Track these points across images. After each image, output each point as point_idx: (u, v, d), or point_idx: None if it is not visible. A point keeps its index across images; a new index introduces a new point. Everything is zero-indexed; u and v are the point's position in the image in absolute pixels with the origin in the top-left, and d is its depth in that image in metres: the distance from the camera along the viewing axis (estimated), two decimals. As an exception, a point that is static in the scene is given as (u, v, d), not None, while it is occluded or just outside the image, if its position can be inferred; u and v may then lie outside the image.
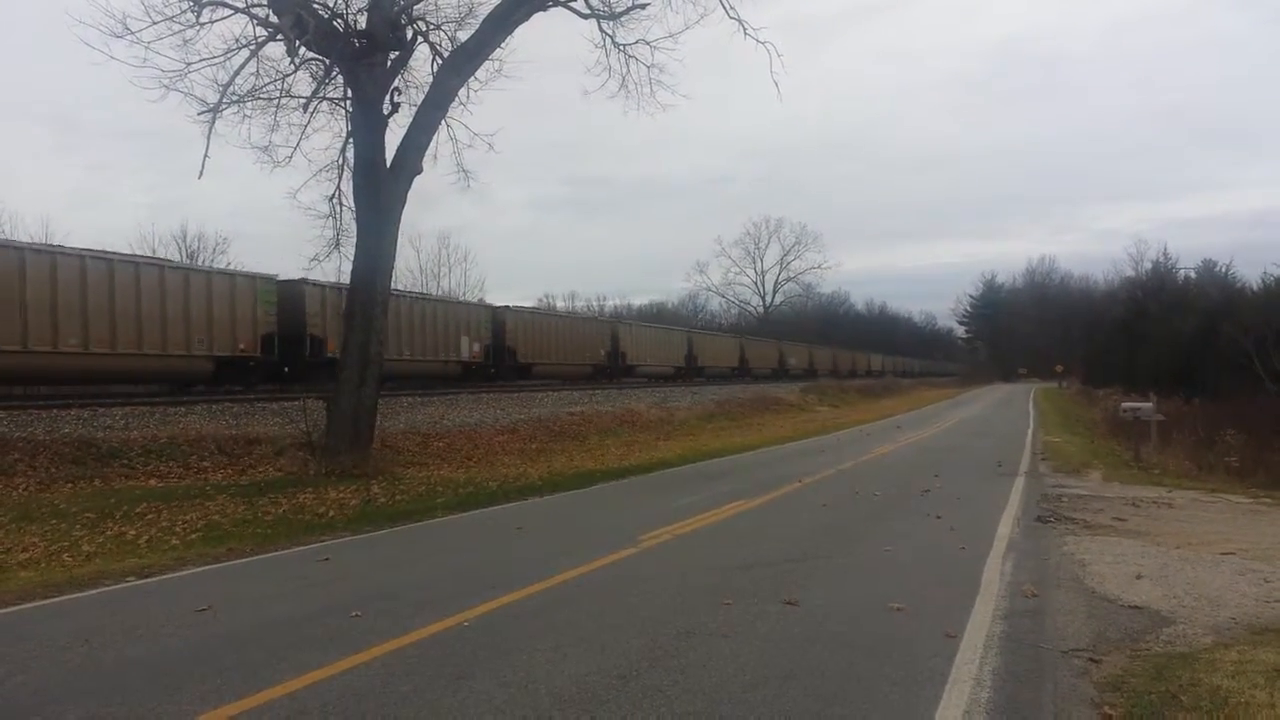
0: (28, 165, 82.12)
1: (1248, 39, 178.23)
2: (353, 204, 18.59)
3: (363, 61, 17.41)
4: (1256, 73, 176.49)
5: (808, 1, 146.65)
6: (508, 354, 34.43)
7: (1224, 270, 57.85)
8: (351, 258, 18.35)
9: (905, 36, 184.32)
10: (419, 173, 18.42)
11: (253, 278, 24.12)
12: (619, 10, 19.94)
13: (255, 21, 16.78)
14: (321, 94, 18.55)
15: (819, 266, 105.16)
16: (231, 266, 25.63)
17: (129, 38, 15.57)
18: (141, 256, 23.52)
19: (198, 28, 16.10)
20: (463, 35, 18.94)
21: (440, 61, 18.96)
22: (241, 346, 23.13)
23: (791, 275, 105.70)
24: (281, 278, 25.14)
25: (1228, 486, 17.49)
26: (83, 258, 19.92)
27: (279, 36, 16.64)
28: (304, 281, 25.69)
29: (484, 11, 18.65)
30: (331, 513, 13.09)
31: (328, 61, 17.83)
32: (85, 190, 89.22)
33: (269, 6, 16.70)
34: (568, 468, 20.19)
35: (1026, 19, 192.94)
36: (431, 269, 65.59)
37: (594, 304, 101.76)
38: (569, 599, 7.86)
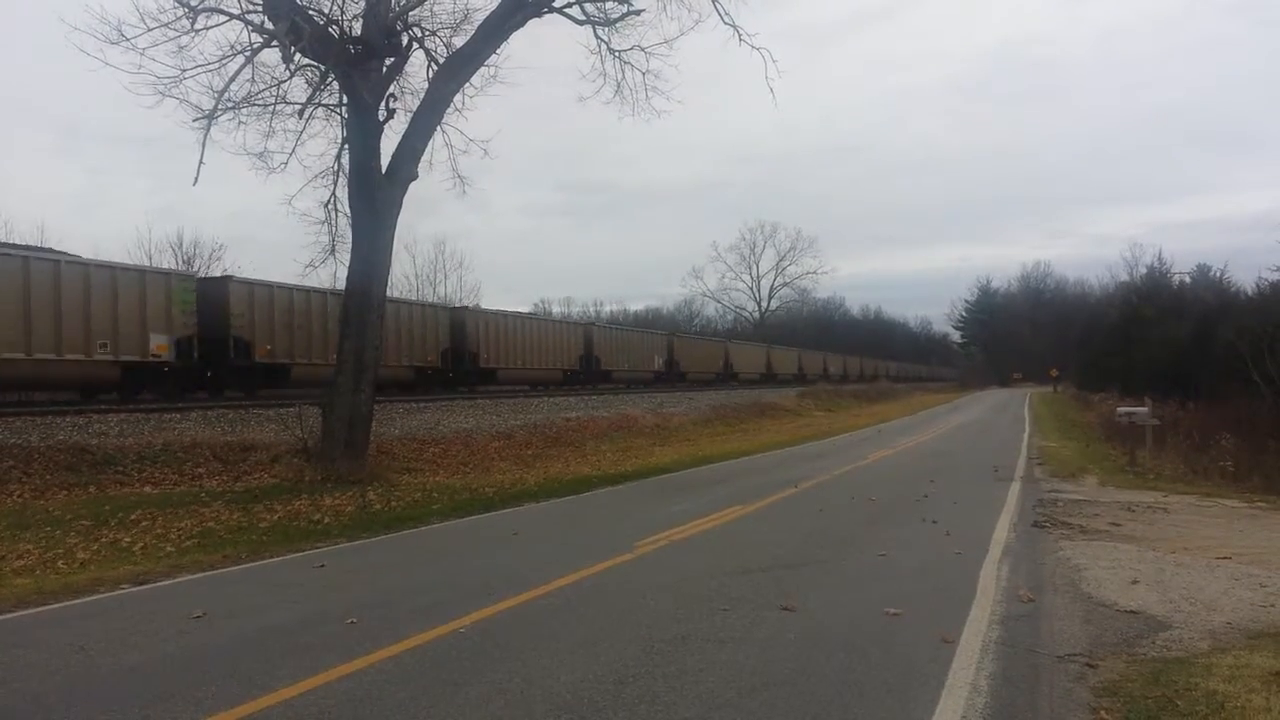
0: (28, 171, 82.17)
1: (1242, 43, 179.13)
2: (348, 210, 18.60)
3: (358, 67, 17.42)
4: (1251, 76, 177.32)
5: (805, 10, 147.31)
6: (469, 358, 32.69)
7: (1219, 274, 58.11)
8: (347, 264, 18.35)
9: (900, 43, 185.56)
10: (414, 179, 18.43)
11: (167, 274, 22.55)
12: (614, 17, 20.00)
13: (250, 28, 16.78)
14: (317, 100, 18.56)
15: (815, 272, 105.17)
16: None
17: (124, 44, 15.57)
18: (32, 248, 21.99)
19: (193, 34, 16.10)
20: (458, 41, 18.98)
21: (436, 67, 18.98)
22: (155, 351, 21.22)
23: (787, 280, 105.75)
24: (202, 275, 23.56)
25: (1223, 491, 17.50)
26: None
27: (274, 43, 16.63)
28: (229, 279, 24.34)
29: (479, 17, 18.70)
30: (327, 519, 13.06)
31: (323, 68, 17.83)
32: (85, 196, 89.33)
33: (264, 13, 16.70)
34: (564, 473, 20.18)
35: (1021, 24, 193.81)
36: (427, 275, 65.58)
37: (589, 309, 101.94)
38: (565, 605, 7.84)
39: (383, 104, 18.16)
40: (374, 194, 17.77)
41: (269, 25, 16.61)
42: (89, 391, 21.27)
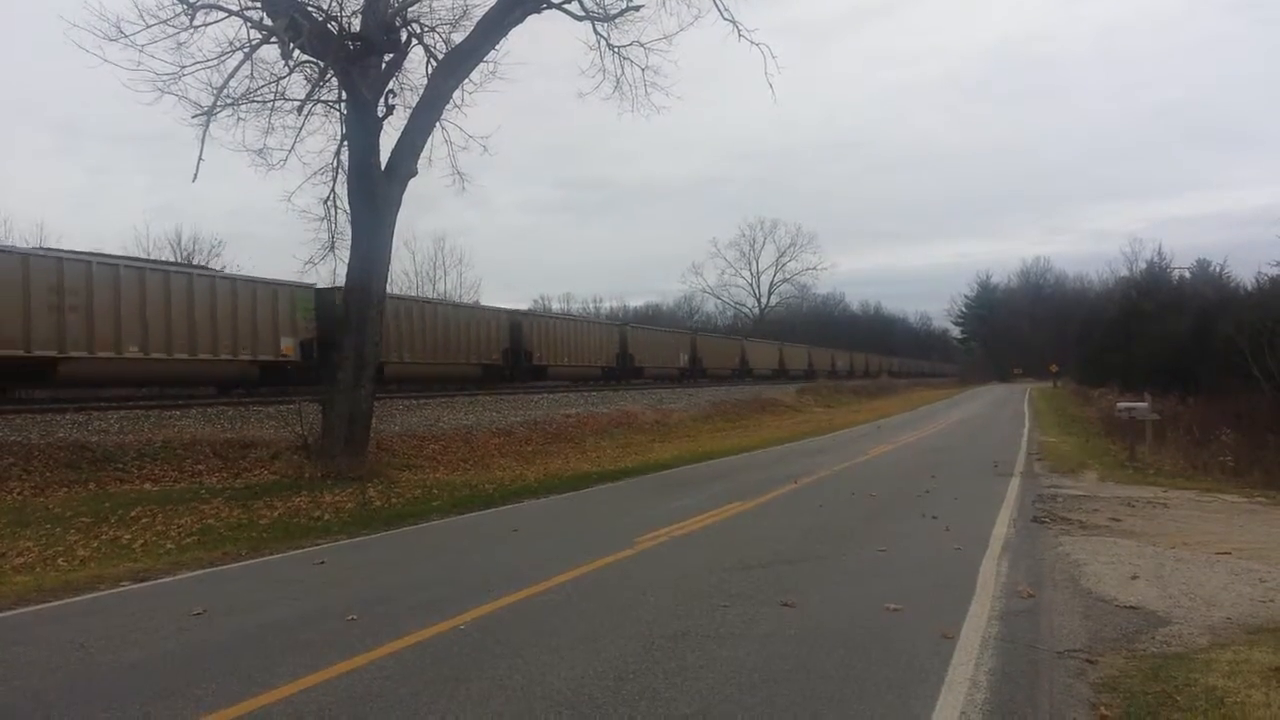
0: (28, 169, 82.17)
1: (1242, 40, 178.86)
2: (348, 206, 18.58)
3: (357, 64, 17.40)
4: (1250, 73, 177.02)
5: (805, 6, 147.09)
6: (524, 357, 35.86)
7: (1218, 269, 58.08)
8: (347, 260, 18.34)
9: (901, 40, 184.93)
10: (414, 175, 18.42)
11: (292, 287, 24.89)
12: (613, 12, 19.96)
13: (249, 24, 16.76)
14: (316, 96, 18.52)
15: (814, 268, 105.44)
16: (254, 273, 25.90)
17: (123, 41, 15.54)
18: (188, 265, 25.01)
19: (191, 31, 16.07)
20: (457, 37, 18.95)
21: (435, 63, 18.96)
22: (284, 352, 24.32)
23: (787, 276, 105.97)
24: (320, 285, 25.63)
25: (1223, 486, 17.50)
26: (141, 269, 21.35)
27: (273, 39, 16.61)
28: (336, 289, 26.12)
29: (478, 13, 18.68)
30: (327, 516, 13.07)
31: (322, 64, 17.80)
32: (86, 193, 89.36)
33: (263, 9, 16.67)
34: (564, 470, 20.19)
35: (1021, 22, 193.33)
36: (427, 271, 65.60)
37: (589, 306, 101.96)
38: (565, 601, 7.85)
39: (382, 100, 18.15)
40: (373, 190, 17.76)
41: (268, 22, 16.58)
42: (226, 386, 24.18)
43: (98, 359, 19.77)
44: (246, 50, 16.84)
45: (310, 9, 16.95)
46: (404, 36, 18.45)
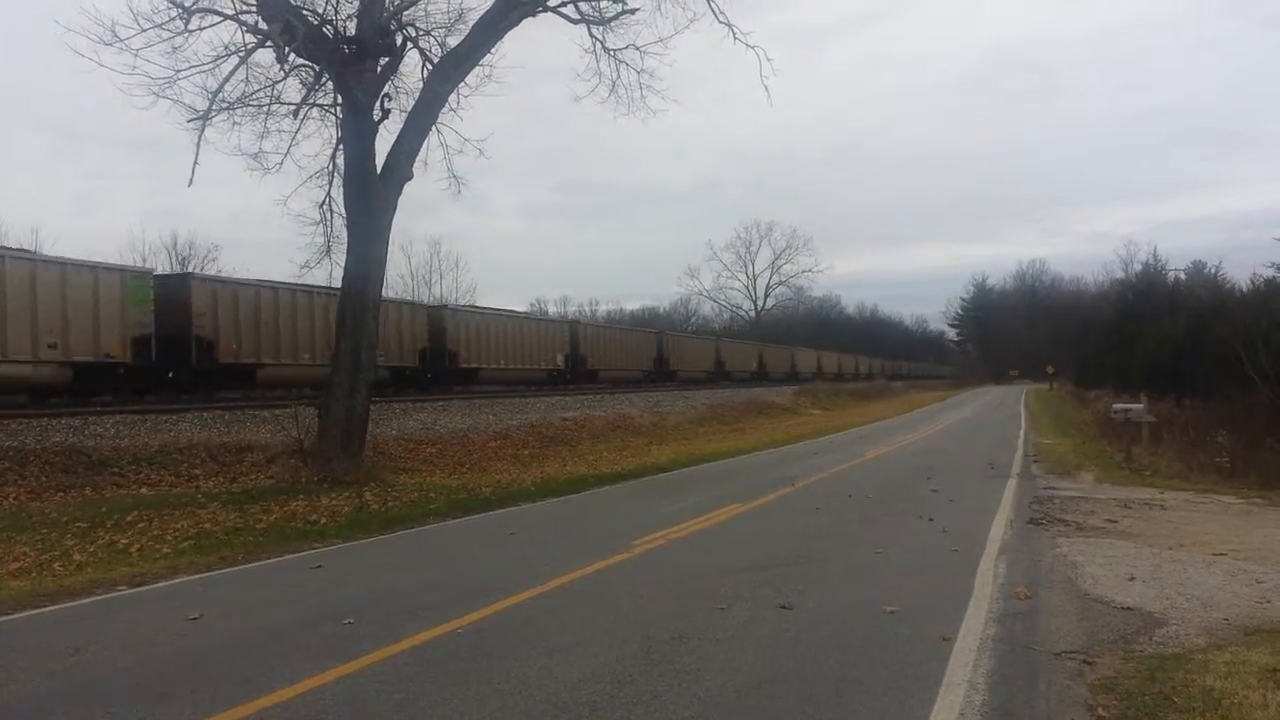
0: (25, 174, 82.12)
1: (1237, 43, 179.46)
2: (343, 210, 18.56)
3: (352, 68, 17.39)
4: (1245, 76, 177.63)
5: (800, 10, 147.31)
6: (448, 357, 31.58)
7: (1213, 271, 58.10)
8: (343, 264, 18.33)
9: (897, 43, 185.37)
10: (409, 178, 18.41)
11: (121, 271, 21.51)
12: (608, 16, 19.99)
13: (244, 28, 16.76)
14: (311, 100, 18.53)
15: (810, 270, 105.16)
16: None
17: (118, 45, 15.54)
18: None
19: (187, 35, 16.08)
20: (452, 41, 18.96)
21: (430, 67, 18.96)
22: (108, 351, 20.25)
23: (783, 279, 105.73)
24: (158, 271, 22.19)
25: (1219, 487, 17.53)
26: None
27: (268, 43, 16.60)
28: (190, 276, 23.66)
29: (474, 17, 18.69)
30: (324, 520, 13.04)
31: (317, 68, 17.80)
32: (83, 199, 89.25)
33: (258, 13, 16.67)
34: (560, 473, 20.17)
35: (1017, 24, 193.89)
36: (423, 275, 65.56)
37: (585, 309, 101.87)
38: (563, 605, 7.84)
39: (377, 104, 18.15)
40: (369, 194, 17.75)
41: (263, 26, 16.57)
42: (37, 394, 20.16)
43: None
44: (242, 54, 16.85)
45: (305, 13, 16.97)
46: (399, 40, 18.45)
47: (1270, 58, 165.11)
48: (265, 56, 17.51)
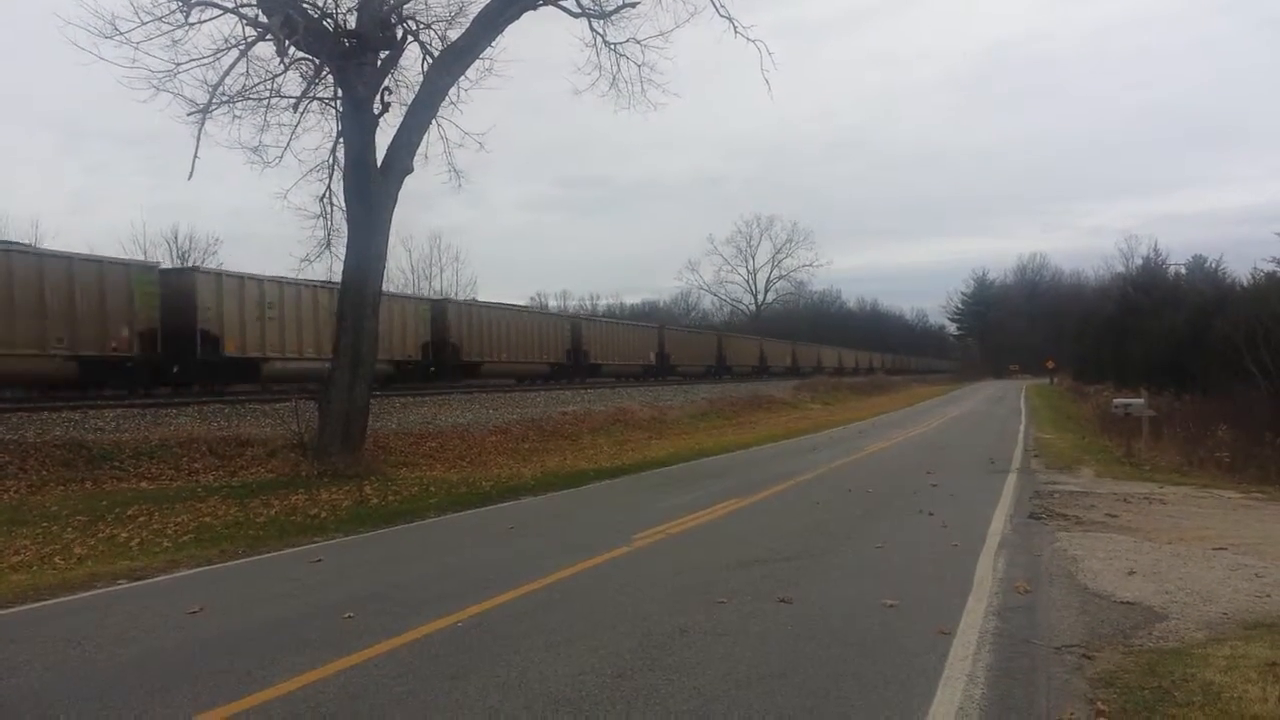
0: (28, 169, 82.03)
1: (1235, 40, 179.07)
2: (343, 204, 18.53)
3: (353, 61, 17.36)
4: (1243, 72, 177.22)
5: (802, 7, 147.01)
6: (450, 351, 31.79)
7: (1214, 266, 58.01)
8: (343, 258, 18.30)
9: (898, 39, 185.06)
10: (409, 172, 18.38)
11: (127, 265, 21.50)
12: (609, 9, 19.93)
13: (244, 21, 16.72)
14: (312, 94, 18.48)
15: (811, 264, 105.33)
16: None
17: (118, 38, 15.50)
18: None
19: (186, 28, 16.03)
20: (453, 34, 18.89)
21: (430, 60, 18.92)
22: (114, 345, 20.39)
23: (784, 273, 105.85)
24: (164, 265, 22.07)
25: (1219, 482, 17.53)
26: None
27: (268, 36, 16.57)
28: (195, 270, 23.53)
29: (474, 10, 18.62)
30: (324, 514, 13.05)
31: (318, 61, 17.77)
32: (85, 194, 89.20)
33: (258, 6, 16.62)
34: (560, 467, 20.18)
35: (1018, 21, 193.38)
36: (423, 269, 65.54)
37: (585, 303, 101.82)
38: (562, 599, 7.85)
39: (377, 98, 18.11)
40: (369, 188, 17.73)
41: (263, 19, 16.53)
42: (44, 388, 20.30)
43: None
44: (242, 47, 16.81)
45: (305, 6, 16.91)
46: (400, 33, 18.41)
47: (1270, 56, 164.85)
48: (265, 50, 17.49)
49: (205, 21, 16.43)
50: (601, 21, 20.05)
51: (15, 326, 18.44)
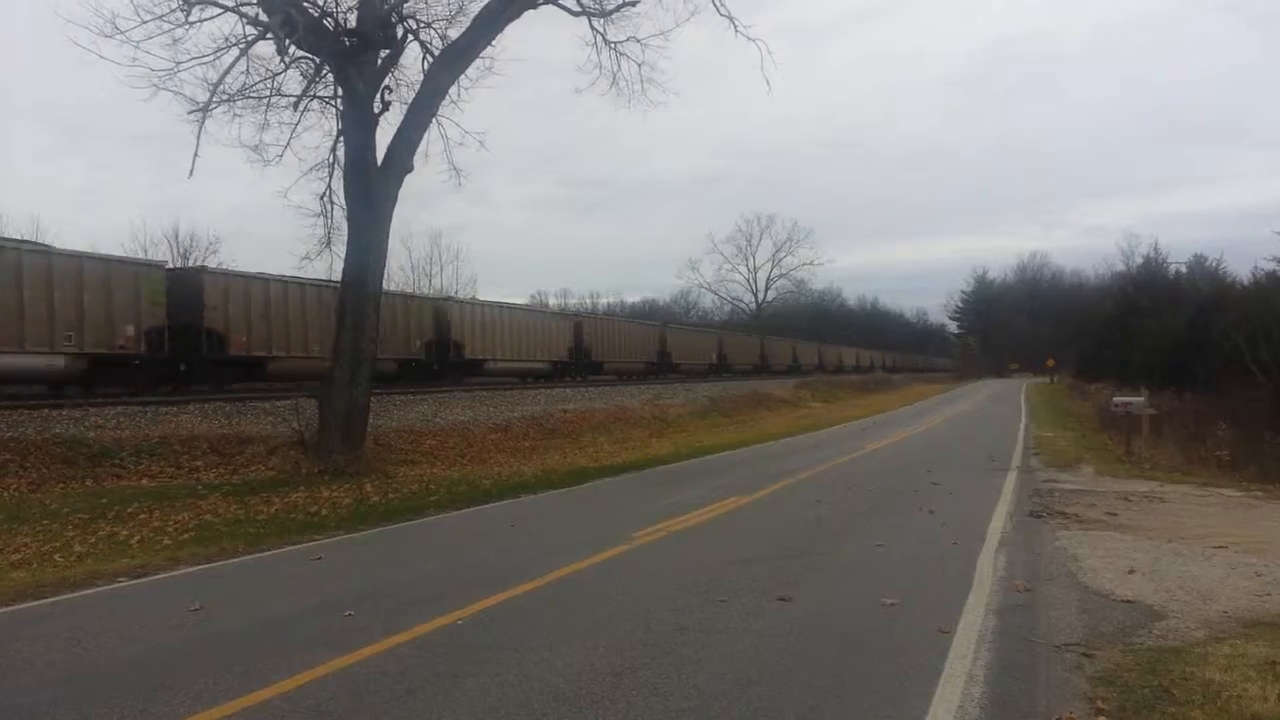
0: (30, 167, 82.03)
1: (1234, 38, 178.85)
2: (344, 202, 18.54)
3: (353, 60, 17.36)
4: (1243, 71, 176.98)
5: (803, 7, 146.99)
6: (454, 349, 32.04)
7: (1214, 265, 57.98)
8: (343, 256, 18.31)
9: (899, 39, 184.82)
10: (410, 171, 18.38)
11: (135, 265, 21.64)
12: (609, 8, 19.94)
13: (245, 20, 16.73)
14: (312, 92, 18.50)
15: (811, 263, 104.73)
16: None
17: (118, 37, 15.52)
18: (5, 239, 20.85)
19: (187, 27, 16.08)
20: (453, 33, 18.90)
21: (431, 59, 18.92)
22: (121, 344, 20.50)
23: (784, 272, 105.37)
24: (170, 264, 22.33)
25: (1219, 480, 17.53)
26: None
27: (269, 35, 16.58)
28: (203, 269, 23.86)
29: (474, 9, 18.63)
30: (324, 512, 13.06)
31: (318, 60, 17.77)
32: (88, 192, 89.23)
33: (258, 5, 16.63)
34: (561, 465, 20.18)
35: (1018, 20, 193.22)
36: (424, 268, 65.44)
37: (586, 301, 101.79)
38: (563, 596, 7.85)
39: (378, 96, 18.12)
40: (369, 186, 17.73)
41: (263, 17, 16.55)
42: (54, 385, 20.41)
43: None
44: (242, 46, 16.83)
45: (306, 4, 16.92)
46: (400, 32, 18.42)
47: (1270, 54, 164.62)
48: (266, 49, 17.52)
49: (206, 20, 16.50)
50: (601, 20, 20.08)
51: (26, 324, 18.60)
